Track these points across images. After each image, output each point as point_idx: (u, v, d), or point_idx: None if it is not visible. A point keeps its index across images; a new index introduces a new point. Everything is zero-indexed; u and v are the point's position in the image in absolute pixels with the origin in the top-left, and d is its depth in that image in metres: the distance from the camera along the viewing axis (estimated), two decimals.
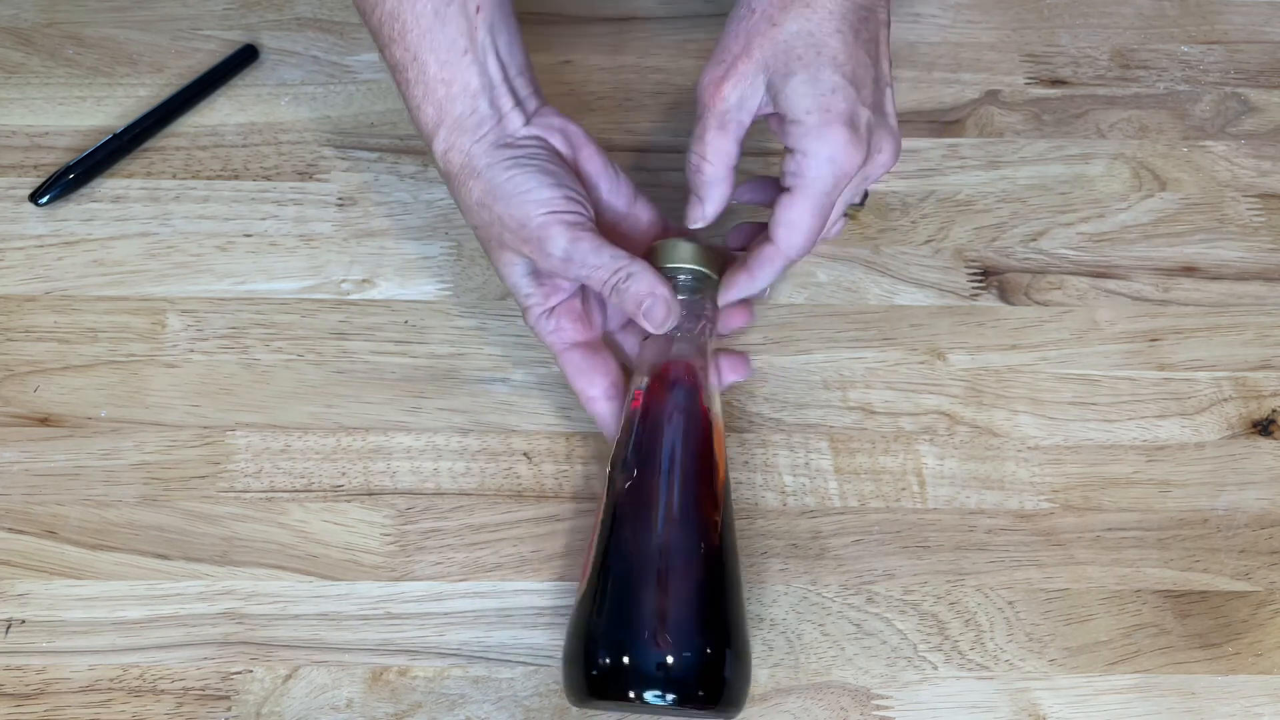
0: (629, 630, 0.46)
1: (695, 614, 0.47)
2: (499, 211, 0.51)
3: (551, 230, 0.50)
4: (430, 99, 0.52)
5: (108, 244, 0.62)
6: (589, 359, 0.54)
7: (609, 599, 0.47)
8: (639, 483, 0.49)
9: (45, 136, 0.65)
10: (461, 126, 0.52)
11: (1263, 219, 0.65)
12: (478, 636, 0.52)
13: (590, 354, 0.55)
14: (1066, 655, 0.52)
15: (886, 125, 0.51)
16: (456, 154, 0.52)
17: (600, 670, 0.46)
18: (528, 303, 0.54)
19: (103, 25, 0.70)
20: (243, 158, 0.65)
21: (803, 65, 0.49)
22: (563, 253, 0.50)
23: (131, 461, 0.55)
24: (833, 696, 0.50)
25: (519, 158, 0.52)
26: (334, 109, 0.67)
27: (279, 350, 0.59)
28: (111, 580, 0.52)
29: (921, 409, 0.58)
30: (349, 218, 0.63)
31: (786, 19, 0.49)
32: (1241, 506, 0.56)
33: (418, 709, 0.50)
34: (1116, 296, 0.62)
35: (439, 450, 0.56)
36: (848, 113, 0.49)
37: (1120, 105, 0.69)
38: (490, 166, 0.51)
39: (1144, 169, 0.66)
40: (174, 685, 0.50)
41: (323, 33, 0.70)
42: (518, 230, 0.51)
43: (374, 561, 0.53)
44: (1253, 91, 0.70)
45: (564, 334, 0.55)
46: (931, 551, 0.54)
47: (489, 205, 0.52)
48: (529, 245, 0.51)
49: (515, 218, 0.51)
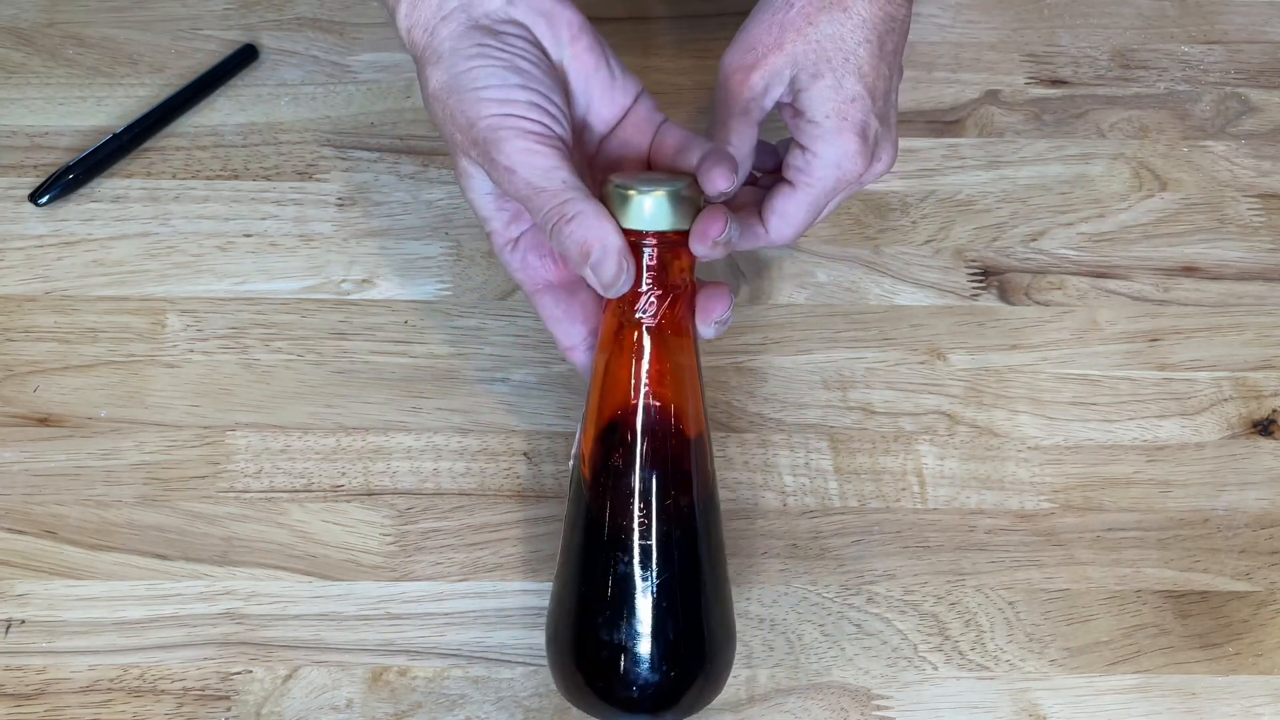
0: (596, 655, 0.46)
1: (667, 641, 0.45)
2: (453, 107, 0.44)
3: (500, 134, 0.43)
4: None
5: (108, 244, 0.62)
6: (564, 303, 0.49)
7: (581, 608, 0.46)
8: (609, 488, 0.45)
9: (45, 136, 0.65)
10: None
11: (1263, 219, 0.65)
12: (478, 636, 0.52)
13: (566, 297, 0.49)
14: (1067, 655, 0.52)
15: (890, 135, 0.51)
16: (420, 32, 0.45)
17: (571, 686, 0.47)
18: (488, 228, 0.48)
19: (103, 25, 0.70)
20: (243, 158, 0.65)
21: (830, 69, 0.49)
22: (509, 162, 0.42)
23: (131, 461, 0.55)
24: (833, 697, 0.50)
25: (487, 47, 0.44)
26: (334, 109, 0.67)
27: (279, 350, 0.59)
28: (111, 580, 0.52)
29: (921, 409, 0.58)
30: (349, 218, 0.63)
31: (821, 20, 0.49)
32: (1242, 506, 0.56)
33: (418, 709, 0.50)
34: (1117, 296, 0.62)
35: (439, 450, 0.56)
36: (862, 123, 0.49)
37: (1120, 105, 0.69)
38: (454, 52, 0.44)
39: (1144, 169, 0.66)
40: (174, 685, 0.50)
41: (323, 33, 0.70)
42: (467, 131, 0.44)
43: (374, 561, 0.53)
44: (1253, 91, 0.70)
45: (532, 271, 0.48)
46: (932, 552, 0.54)
47: (444, 99, 0.44)
48: (477, 149, 0.44)
49: (467, 116, 0.43)
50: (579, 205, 0.42)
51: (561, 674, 0.47)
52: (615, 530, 0.45)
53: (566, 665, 0.47)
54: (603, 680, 0.46)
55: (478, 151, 0.44)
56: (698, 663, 0.46)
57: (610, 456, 0.45)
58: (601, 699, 0.46)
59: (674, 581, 0.45)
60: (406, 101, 0.67)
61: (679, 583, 0.45)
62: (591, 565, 0.46)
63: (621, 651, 0.45)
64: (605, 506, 0.45)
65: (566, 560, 0.47)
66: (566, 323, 0.49)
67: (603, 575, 0.45)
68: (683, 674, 0.46)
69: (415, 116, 0.67)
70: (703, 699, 0.47)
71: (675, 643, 0.46)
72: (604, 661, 0.46)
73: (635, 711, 0.46)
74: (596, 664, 0.46)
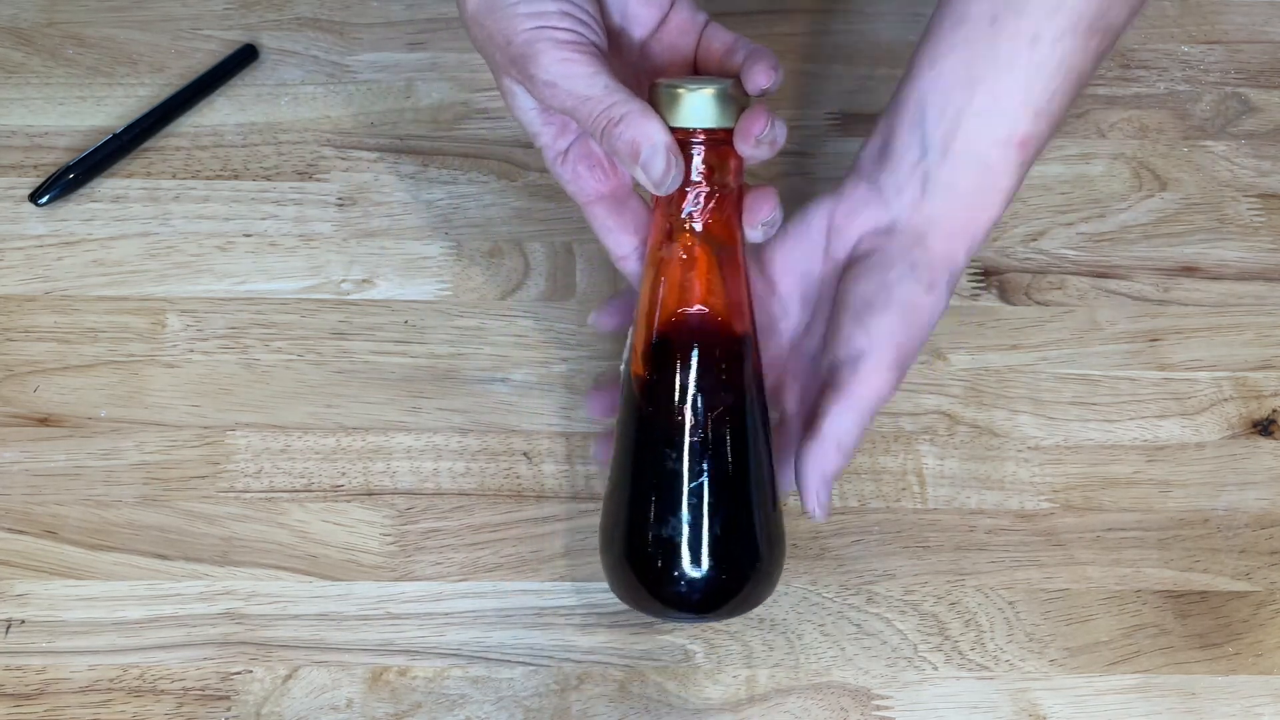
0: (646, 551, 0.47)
1: (726, 539, 0.46)
2: (490, 27, 0.44)
3: (537, 48, 0.43)
4: None
5: (108, 244, 0.62)
6: (616, 213, 0.49)
7: (640, 512, 0.47)
8: (659, 386, 0.46)
9: (45, 136, 0.65)
10: None
11: (1263, 219, 0.65)
12: (478, 636, 0.52)
13: (617, 206, 0.49)
14: (1067, 655, 0.52)
15: None
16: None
17: (622, 581, 0.48)
18: (538, 143, 0.48)
19: (103, 25, 0.70)
20: (242, 158, 0.65)
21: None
22: (548, 76, 0.43)
23: (131, 461, 0.55)
24: (833, 697, 0.50)
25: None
26: (334, 109, 0.67)
27: (279, 350, 0.59)
28: (111, 580, 0.52)
29: (921, 409, 0.58)
30: (349, 218, 0.63)
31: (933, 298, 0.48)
32: (1242, 506, 0.56)
33: (418, 709, 0.50)
34: (1117, 296, 0.62)
35: (439, 450, 0.56)
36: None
37: (1120, 105, 0.69)
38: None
39: (1144, 169, 0.66)
40: (174, 685, 0.50)
41: (323, 33, 0.70)
42: (505, 49, 0.44)
43: (374, 561, 0.53)
44: (1253, 91, 0.70)
45: (583, 182, 0.48)
46: (932, 552, 0.54)
47: (481, 20, 0.44)
48: (515, 67, 0.44)
49: (504, 34, 0.44)
50: (625, 106, 0.43)
51: (613, 570, 0.48)
52: (666, 428, 0.46)
53: (617, 562, 0.47)
54: (653, 576, 0.47)
55: (517, 70, 0.44)
56: (749, 560, 0.47)
57: (659, 356, 0.46)
58: (652, 595, 0.47)
59: (724, 478, 0.46)
60: (406, 101, 0.67)
61: (730, 480, 0.46)
62: (643, 463, 0.47)
63: (672, 547, 0.46)
64: (655, 404, 0.46)
65: (620, 460, 0.48)
66: (618, 232, 0.49)
67: (654, 472, 0.46)
68: (733, 571, 0.47)
69: (415, 117, 0.67)
70: (753, 599, 0.48)
71: (725, 539, 0.46)
72: (654, 557, 0.46)
73: (685, 609, 0.47)
74: (646, 560, 0.47)
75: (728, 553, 0.47)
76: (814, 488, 0.47)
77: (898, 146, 0.48)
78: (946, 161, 0.47)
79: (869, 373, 0.46)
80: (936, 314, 0.47)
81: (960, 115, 0.47)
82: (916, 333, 0.47)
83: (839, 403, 0.47)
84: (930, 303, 0.47)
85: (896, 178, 0.48)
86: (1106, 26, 0.46)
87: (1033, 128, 0.47)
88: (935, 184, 0.47)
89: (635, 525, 0.47)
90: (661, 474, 0.46)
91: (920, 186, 0.48)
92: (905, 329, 0.47)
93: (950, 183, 0.47)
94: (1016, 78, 0.46)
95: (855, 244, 0.49)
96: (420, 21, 0.70)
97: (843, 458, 0.47)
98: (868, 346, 0.47)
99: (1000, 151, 0.47)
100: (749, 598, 0.48)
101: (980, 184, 0.47)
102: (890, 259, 0.47)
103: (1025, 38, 0.45)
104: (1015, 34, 0.45)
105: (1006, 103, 0.46)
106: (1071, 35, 0.45)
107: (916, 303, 0.47)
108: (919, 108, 0.47)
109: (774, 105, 0.68)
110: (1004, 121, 0.46)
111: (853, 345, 0.47)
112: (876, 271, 0.47)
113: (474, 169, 0.65)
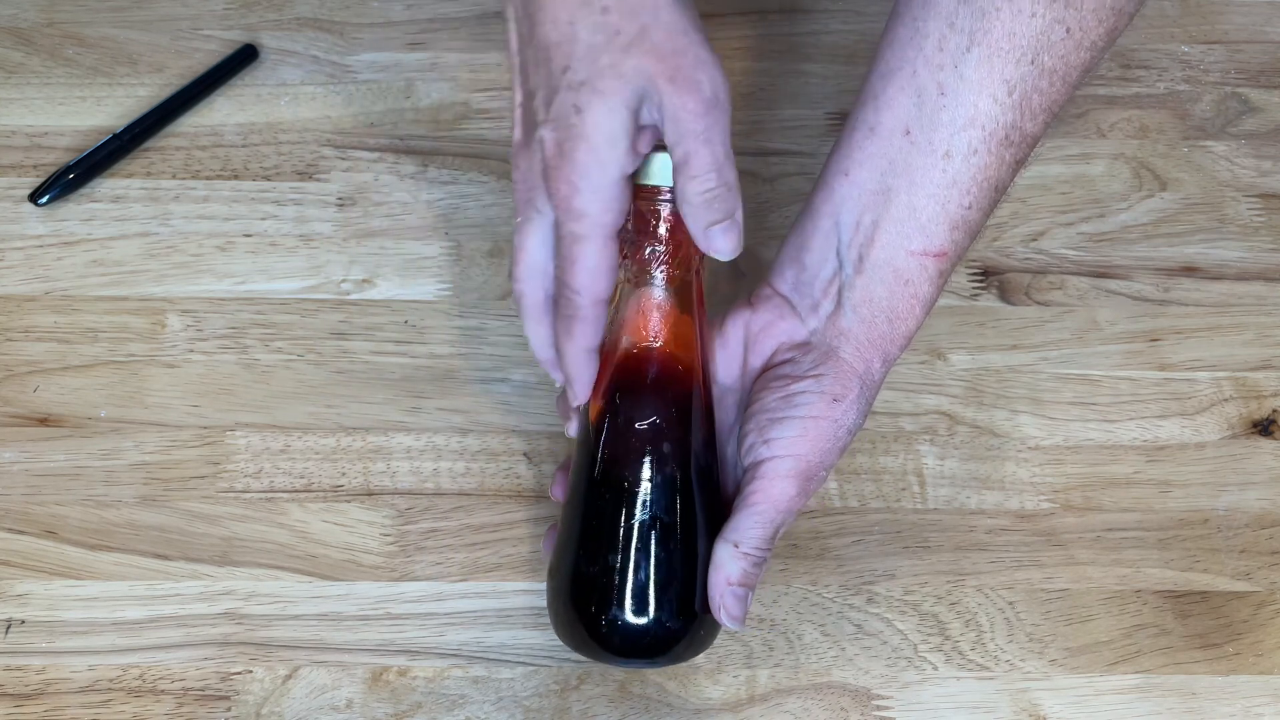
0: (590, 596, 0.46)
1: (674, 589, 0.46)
2: None
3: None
4: None
5: (108, 244, 0.62)
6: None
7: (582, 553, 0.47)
8: (608, 431, 0.47)
9: (45, 136, 0.65)
10: None
11: (1263, 219, 0.65)
12: (478, 636, 0.52)
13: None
14: (1067, 655, 0.52)
15: None
16: None
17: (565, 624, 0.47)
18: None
19: (103, 25, 0.70)
20: (242, 158, 0.65)
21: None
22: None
23: (131, 461, 0.55)
24: (833, 697, 0.50)
25: None
26: (334, 109, 0.67)
27: (279, 350, 0.59)
28: (111, 580, 0.52)
29: (921, 409, 0.58)
30: (349, 218, 0.63)
31: (840, 409, 0.47)
32: (1242, 506, 0.56)
33: (418, 709, 0.50)
34: (1117, 296, 0.62)
35: (439, 450, 0.56)
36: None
37: (1120, 105, 0.69)
38: None
39: (1144, 169, 0.66)
40: (174, 685, 0.50)
41: (323, 33, 0.70)
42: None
43: (374, 562, 0.53)
44: (1253, 91, 0.70)
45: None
46: (932, 552, 0.54)
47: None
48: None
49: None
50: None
51: (556, 612, 0.48)
52: (610, 472, 0.47)
53: (562, 604, 0.47)
54: (593, 621, 0.46)
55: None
56: (687, 609, 0.47)
57: (610, 395, 0.47)
58: (590, 636, 0.47)
59: (667, 524, 0.46)
60: (406, 101, 0.67)
61: (673, 526, 0.46)
62: (589, 506, 0.47)
63: (605, 590, 0.46)
64: (604, 449, 0.47)
65: (570, 500, 0.48)
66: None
67: (598, 516, 0.46)
68: (671, 618, 0.46)
69: (415, 117, 0.67)
70: (695, 645, 0.48)
71: (662, 585, 0.46)
72: (597, 602, 0.46)
73: (618, 653, 0.47)
74: (590, 604, 0.46)
75: (663, 599, 0.46)
76: (716, 592, 0.46)
77: (812, 260, 0.48)
78: (862, 275, 0.47)
79: (768, 482, 0.47)
80: (844, 425, 0.47)
81: (876, 227, 0.46)
82: (821, 444, 0.47)
83: (740, 509, 0.47)
84: (836, 414, 0.47)
85: (812, 292, 0.48)
86: (1022, 138, 0.45)
87: (950, 238, 0.46)
88: (851, 298, 0.47)
89: (576, 565, 0.47)
90: (603, 515, 0.46)
91: (835, 301, 0.48)
92: (806, 441, 0.47)
93: (867, 297, 0.47)
94: (932, 191, 0.45)
95: (770, 356, 0.49)
96: (420, 21, 0.70)
97: (748, 563, 0.46)
98: (768, 455, 0.47)
99: (918, 262, 0.46)
100: (693, 643, 0.47)
101: (898, 295, 0.47)
102: (800, 370, 0.48)
103: (939, 153, 0.45)
104: (929, 148, 0.45)
105: (923, 215, 0.46)
106: (985, 149, 0.45)
107: (820, 416, 0.47)
108: (833, 219, 0.47)
109: (774, 105, 0.68)
110: (920, 234, 0.46)
111: (755, 454, 0.47)
112: (784, 383, 0.48)
113: (474, 169, 0.65)
